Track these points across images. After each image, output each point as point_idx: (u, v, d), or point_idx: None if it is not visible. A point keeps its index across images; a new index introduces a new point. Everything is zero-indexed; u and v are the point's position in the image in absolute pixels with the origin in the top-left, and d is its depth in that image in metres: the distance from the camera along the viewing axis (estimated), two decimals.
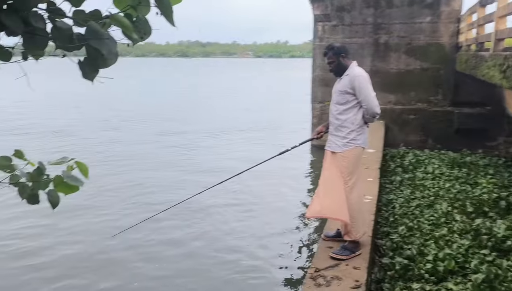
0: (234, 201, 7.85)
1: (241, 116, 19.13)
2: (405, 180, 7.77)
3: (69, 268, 5.33)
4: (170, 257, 5.68)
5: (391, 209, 6.39)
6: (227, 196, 7.95)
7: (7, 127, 15.60)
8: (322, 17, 11.03)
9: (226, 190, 7.80)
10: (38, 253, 5.79)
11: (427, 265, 4.46)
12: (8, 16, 1.29)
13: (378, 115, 3.57)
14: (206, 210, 7.26)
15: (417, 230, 5.53)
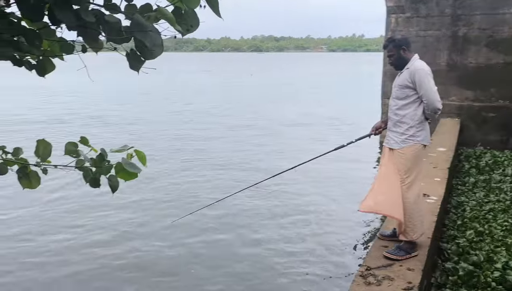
0: (292, 193, 7.88)
1: (313, 110, 18.97)
2: (479, 182, 7.28)
3: (130, 251, 5.65)
4: (225, 245, 5.83)
5: (460, 212, 6.03)
6: (287, 189, 8.00)
7: (91, 116, 16.86)
8: (395, 8, 10.60)
9: (284, 182, 7.87)
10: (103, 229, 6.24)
11: (495, 273, 4.17)
12: (61, 11, 1.41)
13: (440, 111, 3.39)
14: (261, 202, 7.35)
15: (488, 236, 5.18)
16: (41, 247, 5.60)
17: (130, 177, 2.70)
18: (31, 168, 2.60)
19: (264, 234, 6.26)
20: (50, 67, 2.16)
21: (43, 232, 6.09)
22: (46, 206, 7.18)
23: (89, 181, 2.65)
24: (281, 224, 6.52)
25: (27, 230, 6.17)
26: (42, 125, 15.42)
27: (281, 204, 7.34)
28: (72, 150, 2.65)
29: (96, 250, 5.65)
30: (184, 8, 1.85)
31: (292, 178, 7.88)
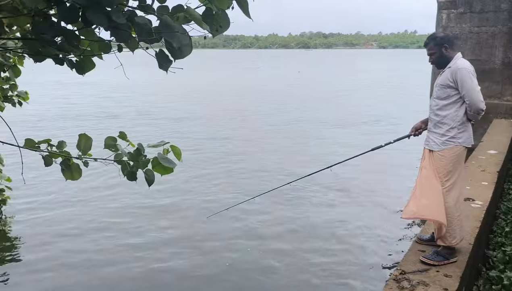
0: (328, 194, 7.80)
1: (361, 110, 18.64)
2: None
3: (166, 245, 5.81)
4: (262, 240, 5.86)
5: (510, 218, 5.72)
6: (324, 187, 7.93)
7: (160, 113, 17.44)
8: (447, 4, 10.16)
9: (321, 181, 7.83)
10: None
11: None
12: (93, 13, 1.49)
13: (483, 112, 3.22)
14: (298, 199, 7.33)
15: None
16: (77, 247, 5.83)
17: (166, 171, 2.79)
18: (73, 161, 2.75)
19: (299, 233, 6.24)
20: (90, 66, 2.28)
21: (79, 231, 6.34)
22: (83, 201, 7.50)
23: (126, 174, 2.76)
24: (316, 224, 6.49)
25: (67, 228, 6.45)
26: (95, 120, 16.12)
27: (315, 204, 7.29)
28: (111, 144, 2.77)
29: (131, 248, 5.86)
30: (215, 9, 1.89)
31: (327, 178, 7.80)
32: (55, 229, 6.38)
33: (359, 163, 6.66)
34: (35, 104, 18.74)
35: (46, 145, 2.81)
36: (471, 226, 3.96)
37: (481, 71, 10.04)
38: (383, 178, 8.79)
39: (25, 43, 2.07)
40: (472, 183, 5.23)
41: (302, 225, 6.40)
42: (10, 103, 5.65)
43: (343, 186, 8.13)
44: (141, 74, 32.07)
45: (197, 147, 11.69)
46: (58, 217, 6.83)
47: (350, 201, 7.50)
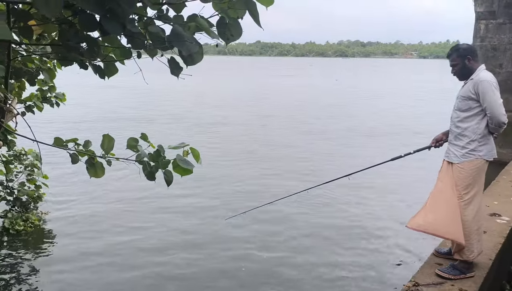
0: (346, 201, 7.76)
1: (391, 120, 18.39)
2: None
3: (183, 246, 5.97)
4: (275, 246, 5.90)
5: None
6: (342, 195, 7.93)
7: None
8: (486, 14, 9.91)
9: (340, 188, 7.84)
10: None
11: None
12: (108, 22, 1.61)
13: (505, 125, 3.16)
14: (315, 206, 7.36)
15: None
16: (97, 247, 6.06)
17: (185, 173, 2.90)
18: (97, 159, 2.91)
19: (314, 241, 6.26)
20: (113, 71, 2.42)
21: (103, 230, 6.56)
22: (107, 201, 7.77)
23: (146, 174, 2.90)
24: (332, 232, 6.48)
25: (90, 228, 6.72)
26: (135, 122, 16.63)
27: (332, 212, 7.25)
28: (133, 144, 2.92)
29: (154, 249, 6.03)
30: (227, 19, 1.98)
31: (346, 186, 7.77)
32: (83, 226, 6.65)
33: (380, 172, 6.61)
34: (78, 106, 19.63)
35: (73, 144, 2.99)
36: (494, 242, 3.87)
37: None
38: (402, 188, 8.68)
39: (53, 49, 2.23)
40: (500, 198, 5.09)
41: (316, 233, 6.43)
42: (49, 104, 5.96)
43: (361, 194, 8.09)
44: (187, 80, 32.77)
45: (224, 148, 11.92)
46: (86, 215, 7.13)
47: (368, 210, 7.44)
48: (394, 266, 5.59)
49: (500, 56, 9.90)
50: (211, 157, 10.65)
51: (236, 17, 2.00)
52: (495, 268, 3.62)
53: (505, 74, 9.89)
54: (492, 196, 5.19)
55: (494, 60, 9.93)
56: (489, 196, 5.19)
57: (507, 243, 4.06)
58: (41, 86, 5.72)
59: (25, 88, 4.51)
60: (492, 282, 3.58)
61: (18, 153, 6.77)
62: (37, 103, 5.79)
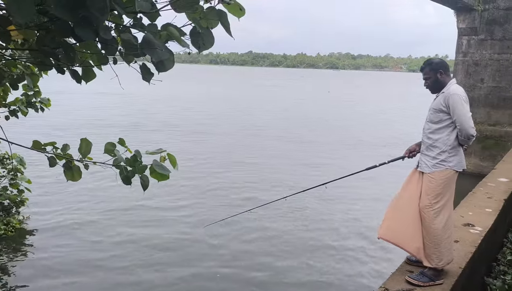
0: (326, 207, 7.92)
1: (380, 132, 18.62)
2: None
3: (161, 252, 5.99)
4: (251, 252, 5.98)
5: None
6: (318, 203, 8.07)
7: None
8: (468, 30, 10.17)
9: (316, 197, 7.97)
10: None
11: None
12: (81, 29, 1.68)
13: (474, 138, 3.27)
14: (292, 214, 7.50)
15: None
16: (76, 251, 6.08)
17: (162, 178, 2.95)
18: (75, 163, 2.96)
19: (288, 248, 6.37)
20: (91, 76, 2.49)
21: (83, 236, 6.57)
22: (85, 207, 7.80)
23: (122, 178, 2.95)
24: (306, 240, 6.65)
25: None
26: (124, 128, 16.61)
27: (308, 220, 7.44)
28: (110, 149, 2.97)
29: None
30: (198, 28, 2.07)
31: (323, 194, 7.93)
32: (64, 231, 6.67)
33: (355, 181, 6.80)
34: (66, 112, 19.55)
35: (52, 147, 3.04)
36: (466, 251, 3.96)
37: (502, 99, 9.98)
38: (377, 197, 8.88)
39: (32, 54, 2.29)
40: (475, 209, 5.21)
41: (293, 240, 6.56)
42: (33, 109, 5.97)
43: (337, 202, 8.29)
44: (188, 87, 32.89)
45: (206, 157, 12.00)
46: (67, 219, 7.14)
47: (343, 218, 7.62)
48: (367, 273, 5.73)
49: (482, 71, 10.15)
50: (193, 164, 10.71)
51: (209, 27, 2.09)
52: (465, 277, 3.71)
53: (486, 89, 10.13)
54: (467, 206, 5.31)
55: (475, 75, 10.17)
56: (464, 206, 5.31)
57: (479, 253, 4.16)
58: (26, 91, 5.75)
59: (10, 92, 4.54)
60: (462, 290, 3.67)
61: (1, 157, 6.76)
62: (21, 108, 5.81)
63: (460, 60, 10.43)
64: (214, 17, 2.12)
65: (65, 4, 1.69)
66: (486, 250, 4.72)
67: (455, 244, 4.00)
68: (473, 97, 10.33)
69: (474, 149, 10.29)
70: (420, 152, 3.54)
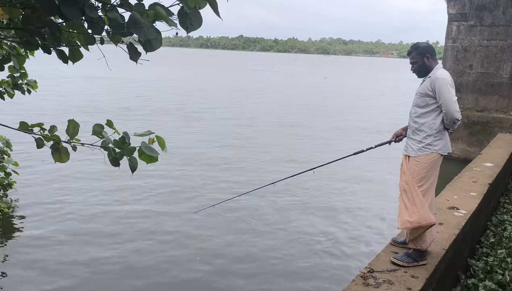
0: (313, 193, 8.05)
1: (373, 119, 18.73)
2: None
3: (149, 238, 6.03)
4: (237, 239, 6.07)
5: (500, 231, 5.77)
6: (305, 188, 8.16)
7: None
8: (458, 16, 10.20)
9: (304, 181, 8.06)
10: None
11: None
12: (67, 7, 1.67)
13: (459, 122, 3.32)
14: (280, 199, 7.59)
15: None
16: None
17: (151, 160, 2.95)
18: (62, 144, 2.94)
19: (277, 229, 6.47)
20: (78, 56, 2.47)
21: (73, 219, 6.56)
22: (76, 189, 7.78)
23: (110, 159, 2.95)
24: (294, 223, 6.76)
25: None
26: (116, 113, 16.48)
27: (296, 205, 7.53)
28: (98, 131, 2.96)
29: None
30: (186, 8, 2.06)
31: (310, 179, 8.02)
32: (53, 214, 6.67)
33: (343, 165, 6.90)
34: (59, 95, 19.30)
35: (39, 129, 3.02)
36: (450, 233, 4.05)
37: (490, 85, 10.07)
38: (364, 181, 9.04)
39: (17, 33, 2.26)
40: (460, 193, 5.30)
41: (280, 224, 6.64)
42: (20, 91, 5.90)
43: (325, 188, 8.40)
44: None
45: (196, 144, 11.99)
46: (55, 201, 7.15)
47: (331, 202, 7.74)
48: (354, 254, 5.86)
49: (471, 58, 10.21)
50: (188, 145, 10.70)
51: (197, 7, 2.08)
52: (448, 258, 3.80)
53: (475, 75, 10.22)
54: (453, 190, 5.40)
55: (464, 61, 10.24)
56: (450, 190, 5.40)
57: (462, 235, 4.26)
58: (12, 73, 5.67)
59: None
60: (445, 270, 3.76)
61: None
62: (8, 90, 5.73)
63: (450, 46, 10.47)
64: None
65: None
66: (470, 233, 4.82)
67: (440, 227, 4.09)
68: (461, 83, 10.42)
69: (461, 135, 10.41)
70: (407, 136, 3.58)
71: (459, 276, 4.54)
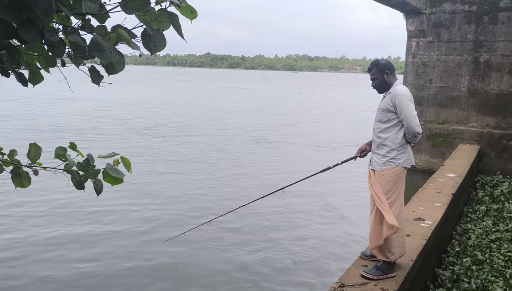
0: (280, 212, 8.06)
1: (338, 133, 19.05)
2: (491, 211, 7.14)
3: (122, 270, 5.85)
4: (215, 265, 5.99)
5: (464, 239, 5.95)
6: (276, 208, 8.22)
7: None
8: (417, 32, 10.61)
9: (275, 202, 8.16)
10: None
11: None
12: (26, 31, 1.63)
13: (420, 135, 3.44)
14: (251, 221, 7.58)
15: (488, 265, 5.10)
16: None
17: (116, 182, 2.89)
18: (23, 169, 2.85)
19: (247, 248, 6.45)
20: (39, 78, 2.41)
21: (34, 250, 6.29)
22: (34, 216, 7.51)
23: (74, 183, 2.87)
24: (266, 240, 6.79)
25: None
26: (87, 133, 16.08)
27: (267, 226, 7.48)
28: (61, 153, 2.89)
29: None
30: (149, 30, 2.06)
31: (280, 199, 8.07)
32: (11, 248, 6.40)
33: (312, 183, 7.00)
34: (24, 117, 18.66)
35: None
36: (417, 244, 4.14)
37: (449, 98, 10.47)
38: (332, 196, 9.19)
39: None
40: (425, 204, 5.44)
41: (252, 243, 6.64)
42: None
43: (294, 206, 8.44)
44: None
45: (165, 165, 11.79)
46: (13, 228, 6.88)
47: (301, 221, 7.79)
48: (324, 269, 5.89)
49: (430, 72, 10.61)
50: (151, 171, 10.53)
51: (160, 29, 2.08)
52: (416, 269, 3.87)
53: (435, 89, 10.61)
54: (418, 201, 5.54)
55: (424, 75, 10.63)
56: (415, 201, 5.54)
57: (429, 245, 4.36)
58: None
59: None
60: (414, 281, 3.83)
61: None
62: None
63: (410, 61, 10.86)
64: (166, 19, 2.12)
65: (7, 5, 1.65)
66: (436, 243, 4.95)
67: (407, 238, 4.17)
68: (422, 97, 10.78)
69: (424, 146, 10.74)
70: (371, 151, 3.67)
71: (428, 286, 4.63)
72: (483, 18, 9.89)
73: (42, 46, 2.16)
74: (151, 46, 2.04)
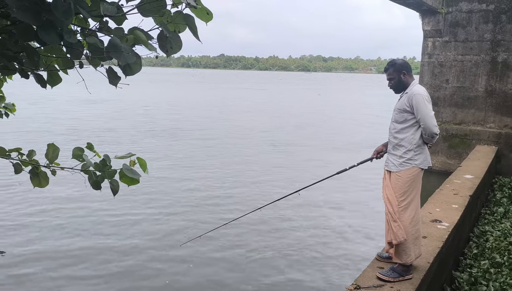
0: (300, 215, 8.04)
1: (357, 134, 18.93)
2: (509, 212, 7.01)
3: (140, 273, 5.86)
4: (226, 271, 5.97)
5: (482, 241, 5.85)
6: (293, 210, 8.18)
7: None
8: (433, 32, 10.48)
9: (291, 204, 8.14)
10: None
11: None
12: (45, 33, 1.66)
13: (437, 136, 3.39)
14: (267, 224, 7.55)
15: (506, 267, 5.00)
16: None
17: (133, 182, 2.92)
18: (41, 169, 2.89)
19: (265, 249, 6.43)
20: (57, 80, 2.45)
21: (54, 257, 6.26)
22: (53, 217, 7.58)
23: (91, 183, 2.91)
24: (283, 238, 6.78)
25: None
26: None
27: (283, 228, 7.45)
28: (78, 154, 2.92)
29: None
30: (166, 32, 2.07)
31: (297, 201, 8.02)
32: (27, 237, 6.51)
33: (328, 185, 6.93)
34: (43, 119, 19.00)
35: (17, 154, 2.96)
36: (433, 246, 4.09)
37: (466, 98, 10.31)
38: (348, 199, 9.11)
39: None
40: (442, 205, 5.37)
41: (269, 246, 6.60)
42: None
43: (310, 208, 8.40)
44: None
45: (180, 167, 11.81)
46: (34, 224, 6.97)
47: (317, 222, 7.75)
48: (341, 271, 5.85)
49: (446, 72, 10.47)
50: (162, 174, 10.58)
51: (176, 30, 2.09)
52: (433, 271, 3.82)
53: (451, 89, 10.46)
54: (435, 203, 5.47)
55: (441, 76, 10.49)
56: (432, 203, 5.47)
57: (446, 248, 4.30)
58: None
59: None
60: (431, 284, 3.78)
61: None
62: None
63: (426, 61, 10.73)
64: (182, 21, 2.12)
65: (27, 7, 1.67)
66: (453, 245, 4.87)
67: (423, 240, 4.12)
68: (439, 97, 10.65)
69: (441, 147, 10.60)
70: (388, 151, 3.63)
71: (445, 288, 4.57)
72: (501, 17, 9.72)
73: (61, 48, 2.19)
74: (167, 48, 2.05)
